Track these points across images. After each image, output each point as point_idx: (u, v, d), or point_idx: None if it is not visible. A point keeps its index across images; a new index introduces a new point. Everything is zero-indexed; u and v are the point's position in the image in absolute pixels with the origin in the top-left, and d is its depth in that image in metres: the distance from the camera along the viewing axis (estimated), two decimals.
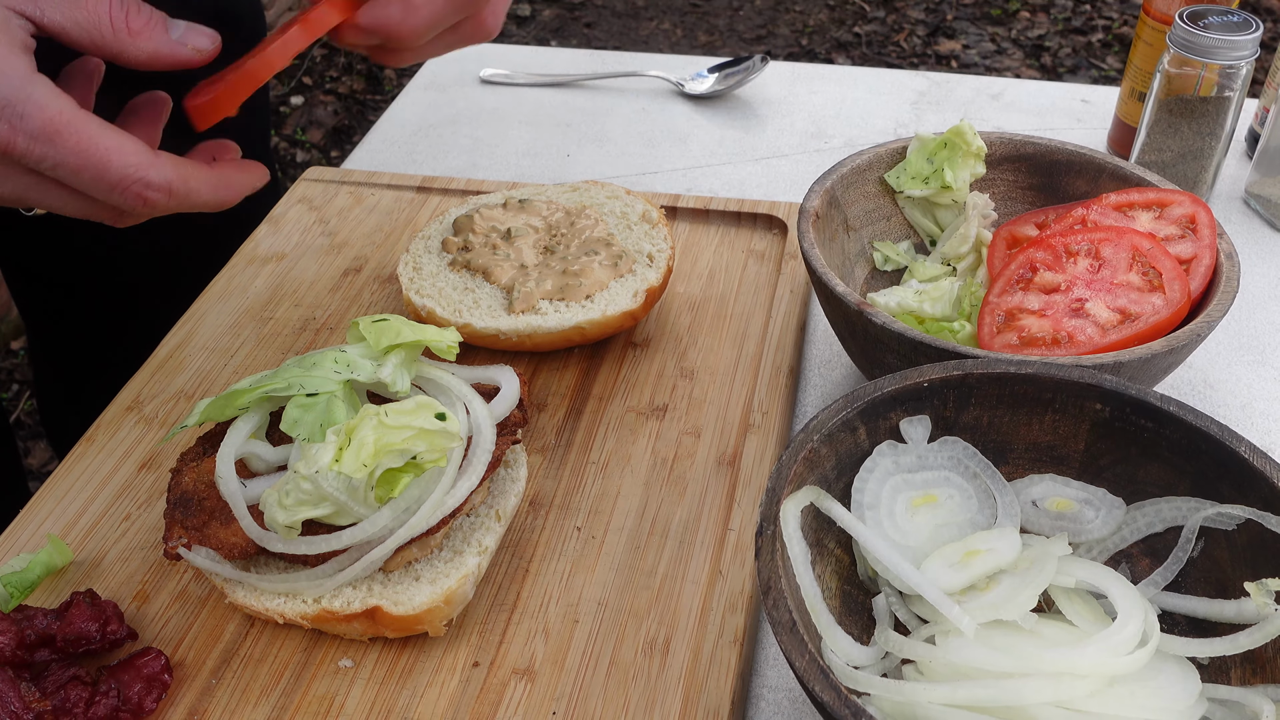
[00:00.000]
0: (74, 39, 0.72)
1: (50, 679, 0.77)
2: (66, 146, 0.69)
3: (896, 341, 0.88)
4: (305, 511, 0.76)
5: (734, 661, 0.80)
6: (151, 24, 0.75)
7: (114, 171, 0.70)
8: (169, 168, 0.73)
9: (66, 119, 0.69)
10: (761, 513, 0.73)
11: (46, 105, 0.68)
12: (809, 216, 1.00)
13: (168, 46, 0.75)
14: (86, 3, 0.72)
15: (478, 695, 0.79)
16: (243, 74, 0.80)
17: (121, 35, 0.73)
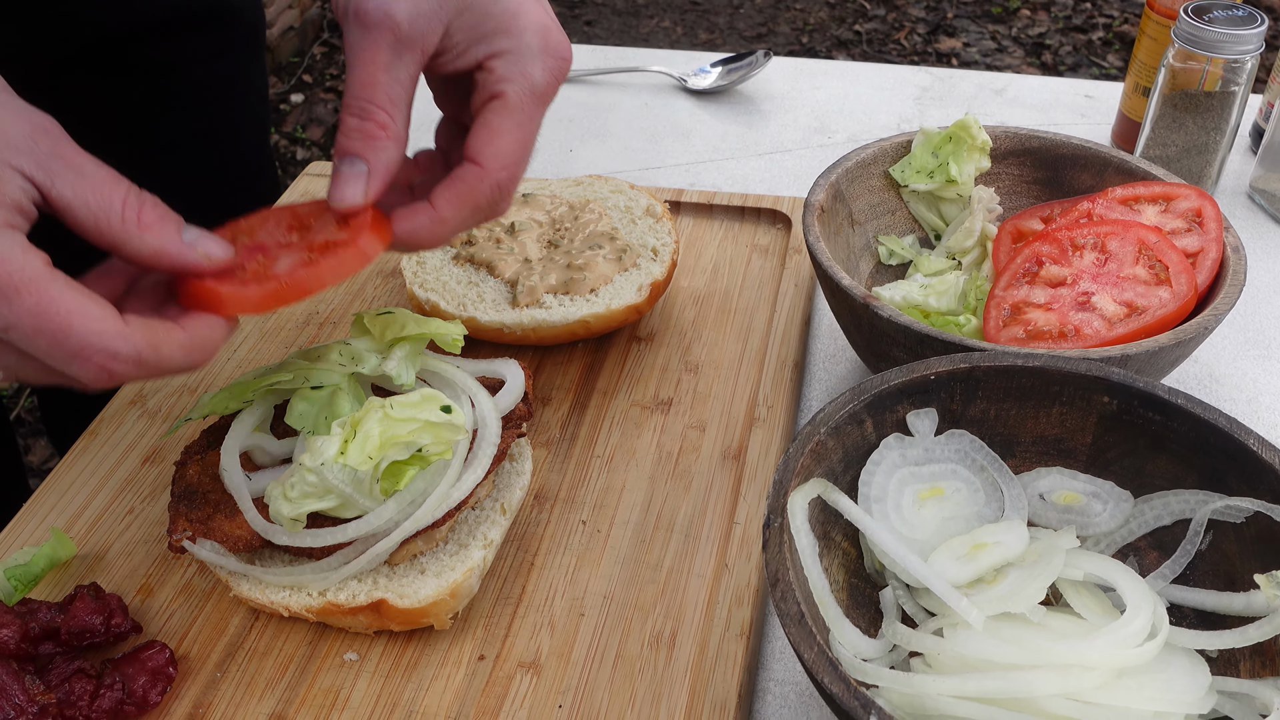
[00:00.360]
0: (79, 219, 0.66)
1: (54, 672, 0.77)
2: (23, 305, 0.61)
3: (902, 335, 0.88)
4: (310, 504, 0.76)
5: (741, 655, 0.80)
6: (163, 221, 0.68)
7: (75, 338, 0.62)
8: (138, 335, 0.65)
9: (29, 275, 0.61)
10: (769, 505, 0.72)
11: (8, 258, 0.61)
12: (814, 210, 0.99)
13: (175, 247, 0.68)
14: (101, 186, 0.66)
15: (483, 688, 0.79)
16: (288, 285, 0.72)
17: (130, 226, 0.66)
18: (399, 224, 0.77)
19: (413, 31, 0.73)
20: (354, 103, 0.74)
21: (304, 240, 0.77)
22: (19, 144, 0.65)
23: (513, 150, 0.76)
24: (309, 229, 0.78)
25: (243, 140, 1.45)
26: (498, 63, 0.77)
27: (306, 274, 0.73)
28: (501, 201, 0.77)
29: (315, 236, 0.76)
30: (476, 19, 0.76)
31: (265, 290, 0.71)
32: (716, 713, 0.76)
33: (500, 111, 0.76)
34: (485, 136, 0.76)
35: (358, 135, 0.74)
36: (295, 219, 0.79)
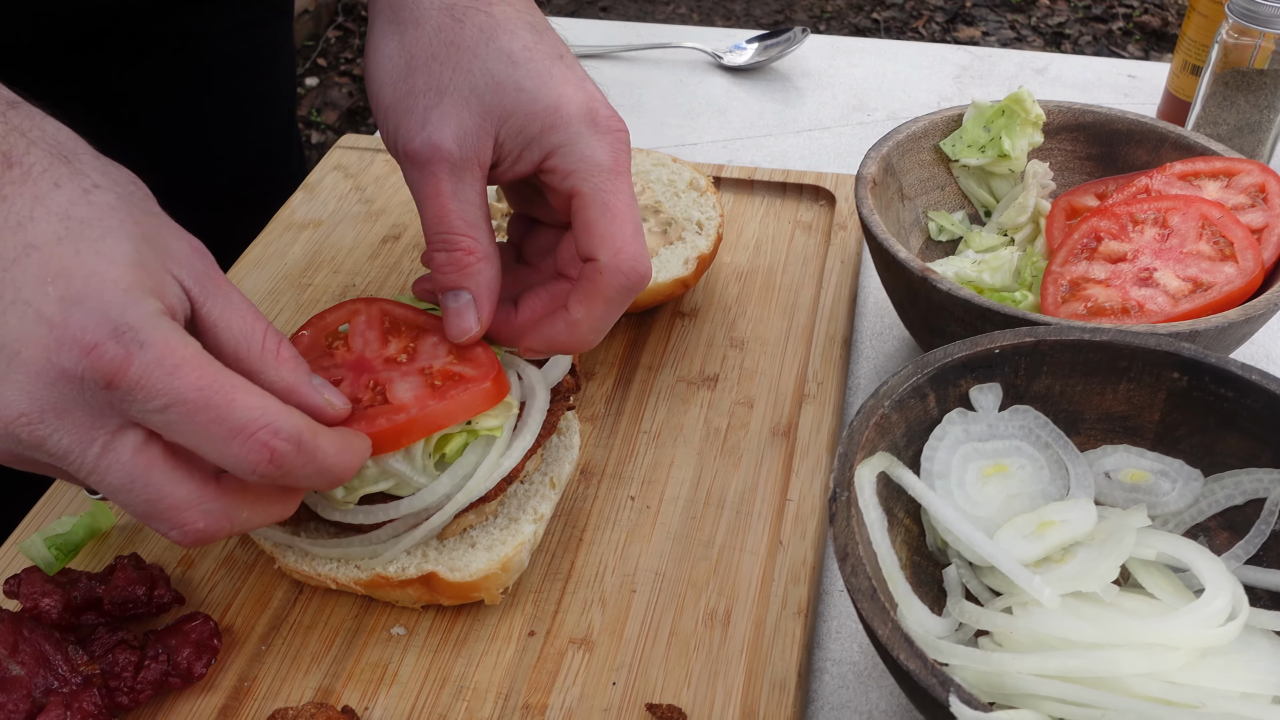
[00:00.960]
0: (221, 340, 0.64)
1: (97, 642, 0.75)
2: (186, 380, 0.57)
3: (962, 309, 0.86)
4: (365, 489, 0.74)
5: (799, 633, 0.78)
6: (297, 360, 0.67)
7: (239, 412, 0.59)
8: (299, 416, 0.62)
9: (192, 354, 0.58)
10: (834, 479, 0.70)
11: (172, 338, 0.58)
12: (866, 183, 0.97)
13: (305, 387, 0.67)
14: (246, 313, 0.65)
15: (534, 664, 0.77)
16: (419, 422, 0.72)
17: (269, 357, 0.65)
18: (536, 337, 0.77)
19: (465, 154, 0.74)
20: (435, 239, 0.75)
21: (414, 362, 0.76)
22: (180, 259, 0.63)
23: (616, 232, 0.75)
24: (409, 338, 0.78)
25: (270, 116, 1.43)
26: (556, 160, 0.75)
27: (439, 411, 0.72)
28: (640, 282, 0.75)
29: (430, 361, 0.76)
30: (522, 123, 0.75)
31: (397, 426, 0.71)
32: (776, 691, 0.74)
33: (584, 205, 0.75)
34: (585, 234, 0.75)
35: (451, 268, 0.75)
36: (389, 321, 0.79)
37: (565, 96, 0.76)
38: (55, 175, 0.59)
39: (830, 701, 0.78)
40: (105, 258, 0.58)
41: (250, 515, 0.65)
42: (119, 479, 0.59)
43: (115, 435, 0.59)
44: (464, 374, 0.74)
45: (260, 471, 0.60)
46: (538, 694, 0.75)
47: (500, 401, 0.74)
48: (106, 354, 0.56)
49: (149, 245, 0.61)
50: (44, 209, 0.58)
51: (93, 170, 0.61)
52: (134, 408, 0.58)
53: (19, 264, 0.57)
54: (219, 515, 0.63)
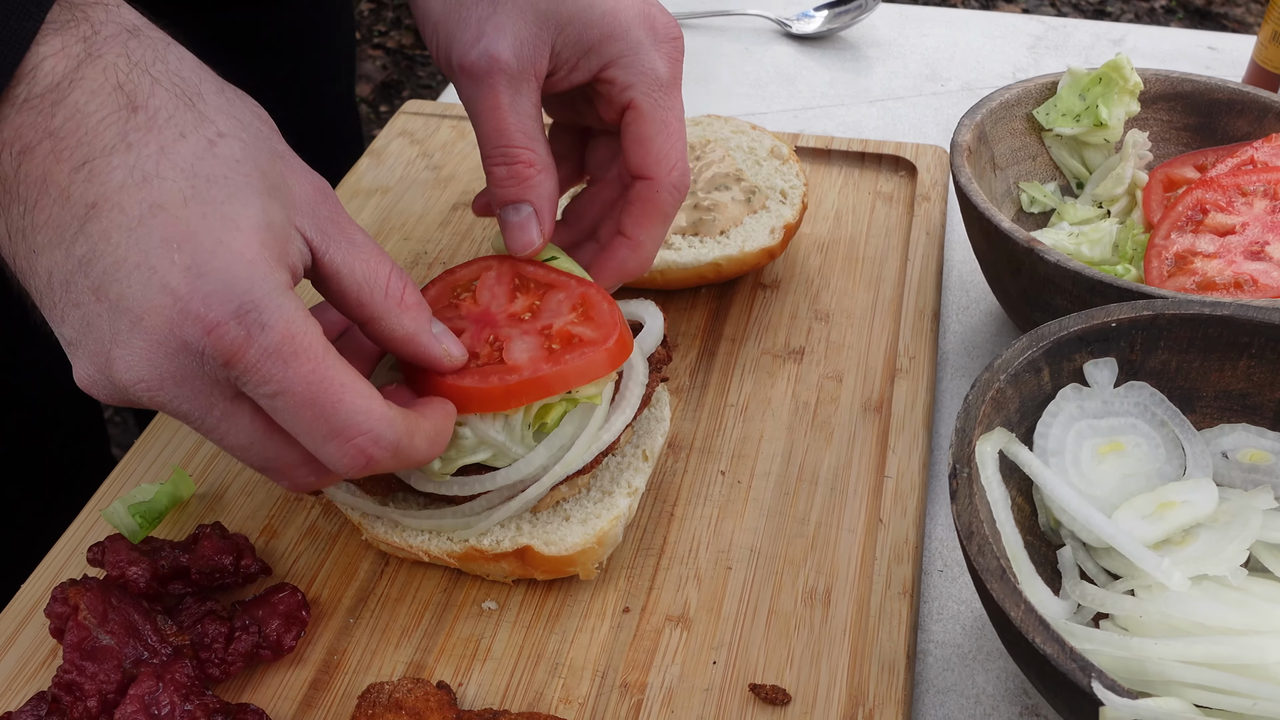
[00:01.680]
0: (343, 286, 0.63)
1: (185, 613, 0.73)
2: (299, 371, 0.56)
3: (1070, 281, 0.83)
4: (463, 460, 0.71)
5: (905, 613, 0.75)
6: (420, 306, 0.66)
7: (344, 414, 0.58)
8: (400, 421, 0.61)
9: (310, 342, 0.57)
10: (953, 455, 0.68)
11: (294, 322, 0.56)
12: (962, 150, 0.94)
13: (426, 336, 0.66)
14: (370, 257, 0.63)
15: (631, 641, 0.75)
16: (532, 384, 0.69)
17: (392, 303, 0.64)
18: (604, 268, 0.78)
19: (522, 64, 0.72)
20: (494, 152, 0.74)
21: (536, 320, 0.74)
22: (303, 206, 0.61)
23: (671, 149, 0.75)
24: (535, 295, 0.76)
25: (330, 86, 1.41)
26: (614, 71, 0.74)
27: (552, 376, 0.70)
28: (681, 200, 0.77)
29: (552, 319, 0.74)
30: (579, 32, 0.73)
31: (507, 387, 0.69)
32: (885, 673, 0.72)
33: (641, 120, 0.75)
34: (641, 150, 0.75)
35: (511, 181, 0.74)
36: (519, 278, 0.77)
37: (622, 2, 0.74)
38: (180, 124, 0.57)
39: (935, 685, 0.75)
40: (231, 223, 0.56)
41: None
42: (239, 441, 0.59)
43: (233, 403, 0.58)
44: (583, 336, 0.72)
45: (353, 474, 0.60)
46: (636, 672, 0.73)
47: (615, 369, 0.71)
48: (228, 335, 0.55)
49: (274, 199, 0.59)
50: (170, 163, 0.56)
51: (217, 114, 0.59)
52: (247, 387, 0.57)
53: (144, 224, 0.55)
54: (326, 474, 0.63)
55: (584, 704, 0.71)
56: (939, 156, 1.16)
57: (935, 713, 0.74)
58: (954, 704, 0.74)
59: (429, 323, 0.67)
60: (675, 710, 0.71)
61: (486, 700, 0.72)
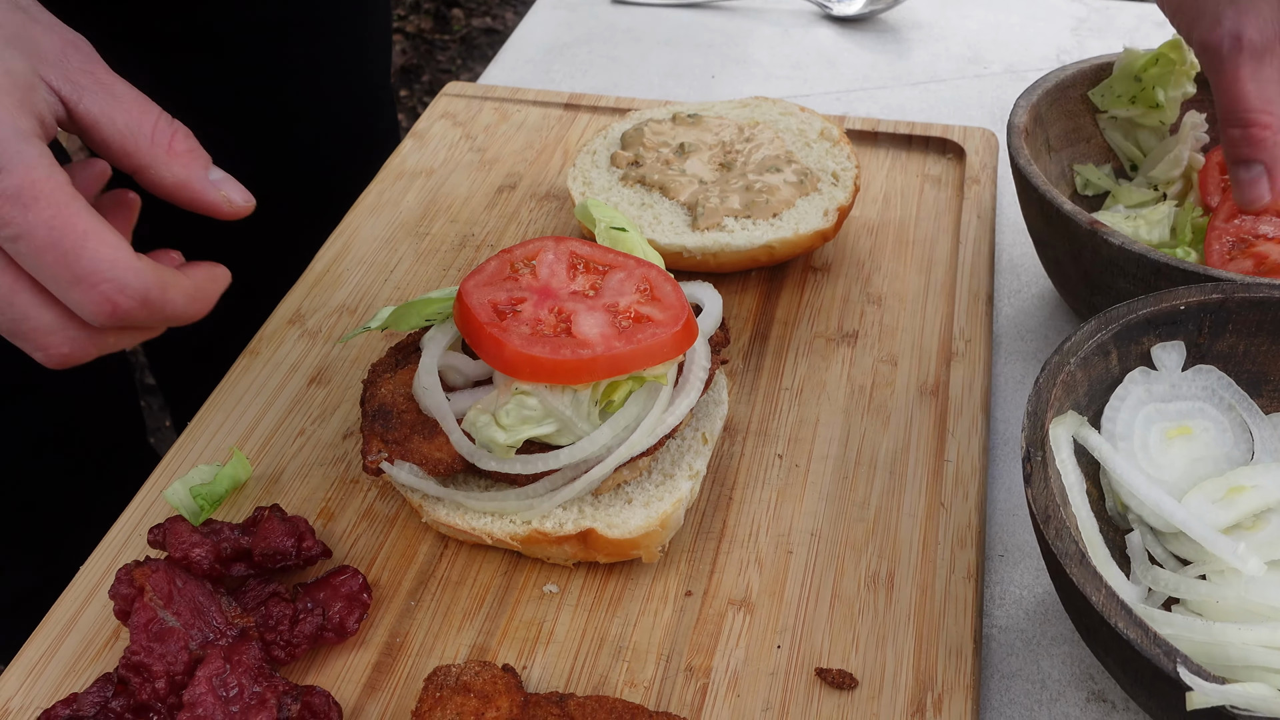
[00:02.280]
0: (105, 137, 0.63)
1: (249, 594, 0.73)
2: (39, 215, 0.56)
3: (1135, 265, 0.82)
4: (527, 431, 0.71)
5: (971, 598, 0.75)
6: (193, 153, 0.65)
7: (87, 260, 0.57)
8: (150, 272, 0.60)
9: (51, 187, 0.57)
10: (1026, 439, 0.67)
11: (34, 167, 0.57)
12: (1019, 132, 0.93)
13: (201, 183, 0.65)
14: (131, 107, 0.63)
15: (694, 625, 0.74)
16: (604, 362, 0.70)
17: (159, 151, 0.63)
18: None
19: (1265, 41, 0.81)
20: (1231, 117, 0.83)
21: (600, 297, 0.74)
22: (49, 57, 0.61)
23: None
24: (596, 274, 0.77)
25: (366, 73, 1.40)
26: None
27: (626, 355, 0.70)
28: None
29: (617, 298, 0.74)
30: None
31: (580, 361, 0.69)
32: (952, 658, 0.71)
33: None
34: None
35: (1245, 143, 0.82)
36: (577, 258, 0.78)
37: None
38: None
39: (1000, 670, 0.75)
40: None
41: (117, 339, 0.64)
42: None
43: None
44: (652, 316, 0.72)
45: (102, 322, 0.60)
46: (700, 656, 0.73)
47: (688, 349, 0.71)
48: None
49: (14, 49, 0.59)
50: None
51: None
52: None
53: None
54: (84, 341, 0.62)
55: (649, 687, 0.71)
56: (987, 139, 1.15)
57: (1001, 698, 0.73)
58: (1019, 689, 0.74)
59: (204, 169, 0.66)
60: (741, 694, 0.70)
61: (551, 683, 0.72)
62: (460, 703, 0.66)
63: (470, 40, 4.54)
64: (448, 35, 4.53)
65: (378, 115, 1.46)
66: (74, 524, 1.31)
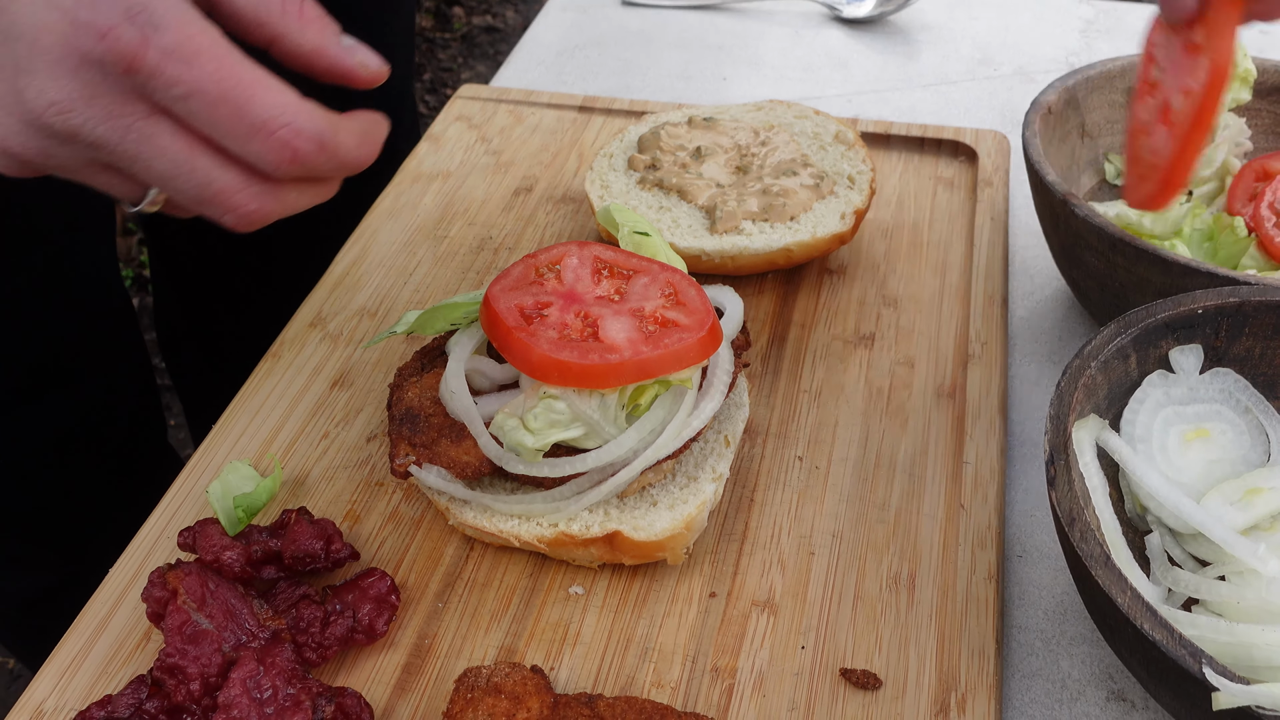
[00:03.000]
0: (237, 9, 0.62)
1: (280, 597, 0.74)
2: (204, 70, 0.55)
3: (1096, 237, 0.85)
4: (555, 435, 0.72)
5: (992, 599, 0.76)
6: (324, 19, 0.65)
7: (259, 107, 0.57)
8: (320, 114, 0.60)
9: (210, 40, 0.56)
10: (1049, 442, 0.68)
11: (188, 20, 0.56)
12: (1040, 108, 0.94)
13: (335, 48, 0.65)
14: None
15: (719, 626, 0.75)
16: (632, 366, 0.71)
17: (290, 19, 0.63)
18: None
19: None
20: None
21: (625, 302, 0.75)
22: None
23: None
24: (620, 278, 0.78)
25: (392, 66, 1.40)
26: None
27: (653, 359, 0.71)
28: None
29: (642, 302, 0.75)
30: None
31: (609, 366, 0.70)
32: (975, 658, 0.72)
33: None
34: None
35: None
36: (601, 264, 0.79)
37: None
38: None
39: (1020, 670, 0.76)
40: None
41: (298, 196, 0.64)
42: (165, 165, 0.58)
43: (148, 120, 0.57)
44: (678, 321, 0.73)
45: (284, 169, 0.59)
46: (725, 657, 0.74)
47: (713, 354, 0.72)
48: (122, 38, 0.54)
49: None
50: None
51: None
52: (158, 94, 0.56)
53: None
54: (268, 197, 0.62)
55: (676, 688, 0.72)
56: (999, 142, 1.16)
57: (1022, 697, 0.74)
58: (1040, 689, 0.75)
59: (336, 35, 0.65)
60: (767, 694, 0.71)
61: (579, 684, 0.73)
62: (492, 704, 0.67)
63: (471, 38, 4.54)
64: (449, 33, 4.53)
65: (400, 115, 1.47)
66: (93, 523, 1.32)
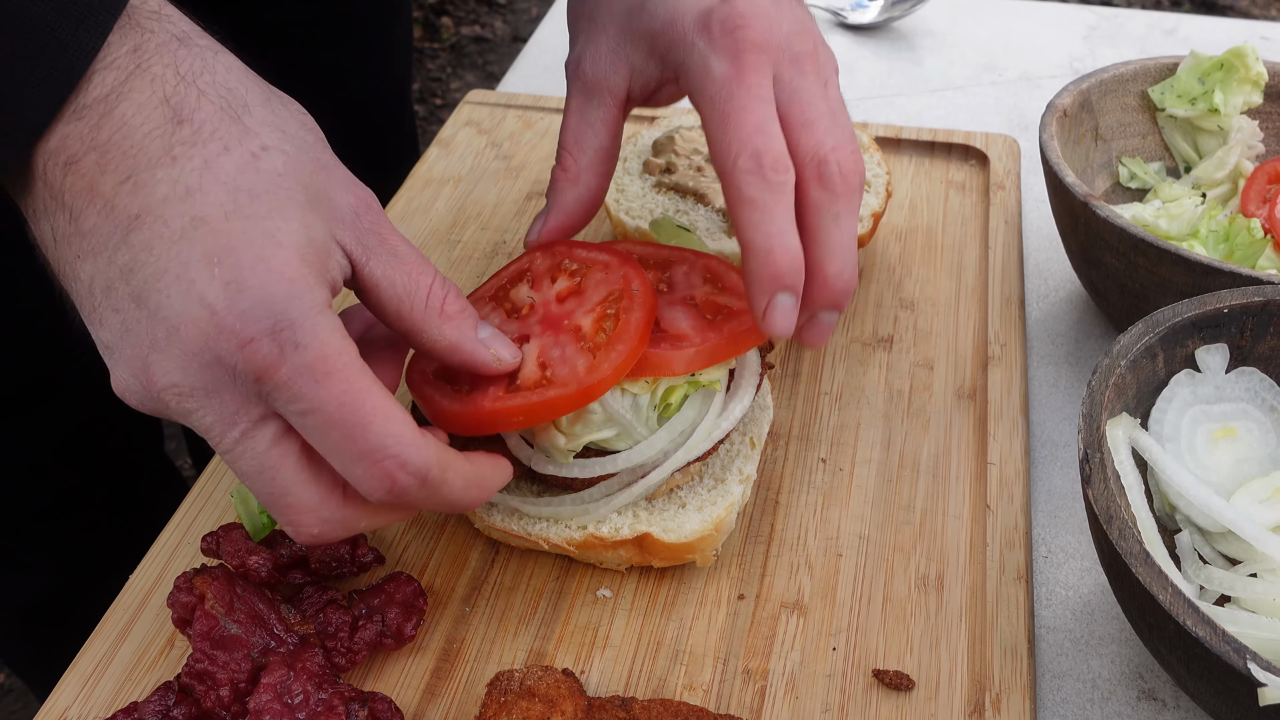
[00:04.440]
0: (383, 299, 0.62)
1: (307, 602, 0.73)
2: (331, 391, 0.56)
3: (1117, 238, 0.85)
4: (588, 435, 0.71)
5: (1022, 599, 0.76)
6: (464, 314, 0.65)
7: (373, 436, 0.57)
8: (432, 450, 0.60)
9: (344, 362, 0.57)
10: (1083, 440, 0.68)
11: (328, 342, 0.56)
12: (1055, 111, 0.95)
13: (471, 343, 0.65)
14: (411, 268, 0.63)
15: (749, 628, 0.75)
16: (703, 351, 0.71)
17: (432, 315, 0.63)
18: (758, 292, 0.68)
19: (595, 77, 0.76)
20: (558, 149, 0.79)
21: (673, 291, 0.76)
22: (345, 217, 0.61)
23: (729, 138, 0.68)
24: (660, 269, 0.78)
25: (388, 75, 1.40)
26: (683, 82, 0.73)
27: (719, 344, 0.72)
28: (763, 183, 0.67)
29: (690, 291, 0.76)
30: (649, 45, 0.75)
31: (682, 354, 0.71)
32: (1008, 658, 0.72)
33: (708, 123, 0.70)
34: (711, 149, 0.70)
35: (551, 179, 0.78)
36: (638, 258, 0.79)
37: (681, 8, 0.73)
38: (225, 137, 0.56)
39: (1050, 670, 0.75)
40: (272, 239, 0.56)
41: (369, 523, 0.63)
42: (250, 466, 0.58)
43: (257, 424, 0.57)
44: (730, 306, 0.73)
45: (378, 497, 0.59)
46: (756, 659, 0.73)
47: (767, 338, 0.71)
48: (260, 351, 0.55)
49: (316, 212, 0.58)
50: (213, 177, 0.55)
51: (262, 126, 0.58)
52: (278, 404, 0.57)
53: (186, 237, 0.55)
54: (336, 524, 0.61)
55: (708, 690, 0.72)
56: (1009, 145, 1.17)
57: (1053, 698, 0.74)
58: (1070, 689, 0.74)
59: (473, 329, 0.66)
60: (799, 696, 0.71)
61: (610, 687, 0.72)
62: (525, 707, 0.67)
63: (460, 48, 4.54)
64: (437, 44, 4.53)
65: (400, 121, 1.46)
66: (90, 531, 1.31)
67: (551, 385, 0.69)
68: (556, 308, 0.74)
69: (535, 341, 0.73)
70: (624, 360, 0.69)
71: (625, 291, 0.72)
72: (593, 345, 0.70)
